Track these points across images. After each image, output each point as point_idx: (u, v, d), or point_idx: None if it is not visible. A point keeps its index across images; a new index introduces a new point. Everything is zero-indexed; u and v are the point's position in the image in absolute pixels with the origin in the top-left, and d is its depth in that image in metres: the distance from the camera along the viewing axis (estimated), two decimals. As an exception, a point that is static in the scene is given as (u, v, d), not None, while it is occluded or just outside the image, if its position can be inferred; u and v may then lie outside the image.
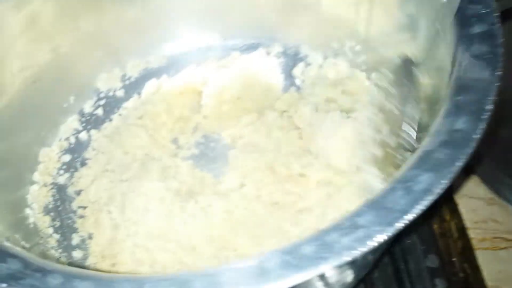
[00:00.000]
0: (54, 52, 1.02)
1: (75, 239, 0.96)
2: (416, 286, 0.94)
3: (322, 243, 0.54)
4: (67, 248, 0.95)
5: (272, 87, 1.13)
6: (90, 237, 0.96)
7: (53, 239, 0.95)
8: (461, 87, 0.68)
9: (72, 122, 1.10)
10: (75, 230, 0.98)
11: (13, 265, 0.56)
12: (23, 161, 1.01)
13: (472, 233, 0.97)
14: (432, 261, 0.96)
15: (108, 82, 1.14)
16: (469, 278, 0.95)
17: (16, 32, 0.93)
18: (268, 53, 1.18)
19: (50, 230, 0.97)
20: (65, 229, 0.97)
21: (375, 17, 1.01)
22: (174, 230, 0.91)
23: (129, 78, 1.17)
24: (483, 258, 0.93)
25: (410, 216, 0.55)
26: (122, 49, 1.14)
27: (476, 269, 0.95)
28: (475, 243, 0.96)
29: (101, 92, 1.14)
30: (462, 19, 0.75)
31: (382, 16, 0.99)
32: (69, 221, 0.99)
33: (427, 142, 0.63)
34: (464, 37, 0.73)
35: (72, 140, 1.09)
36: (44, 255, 0.90)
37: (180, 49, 1.19)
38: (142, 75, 1.17)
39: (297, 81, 1.14)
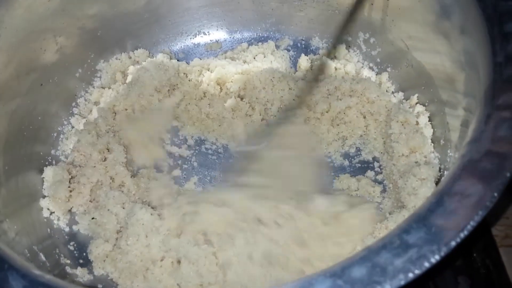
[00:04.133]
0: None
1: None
2: (439, 284, 0.93)
3: (373, 264, 0.51)
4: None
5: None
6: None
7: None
8: (500, 90, 0.65)
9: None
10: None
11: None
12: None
13: (495, 230, 0.95)
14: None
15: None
16: (492, 275, 0.93)
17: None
18: (277, 46, 1.15)
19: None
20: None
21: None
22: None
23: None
24: (508, 256, 0.91)
25: (463, 234, 0.52)
26: (129, 44, 1.12)
27: (499, 266, 0.93)
28: (498, 240, 0.94)
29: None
30: (494, 16, 0.73)
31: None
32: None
33: (470, 150, 0.61)
34: (498, 35, 0.70)
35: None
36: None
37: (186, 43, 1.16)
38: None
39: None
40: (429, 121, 0.95)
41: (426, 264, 0.50)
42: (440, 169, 0.88)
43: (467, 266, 0.94)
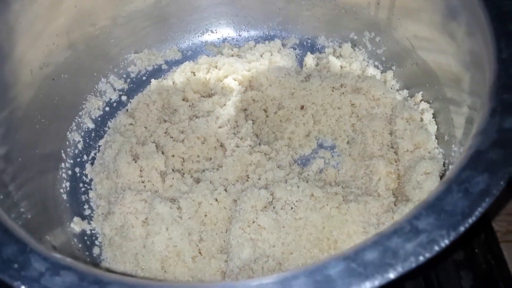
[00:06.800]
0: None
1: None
2: (441, 279, 0.94)
3: (384, 248, 0.53)
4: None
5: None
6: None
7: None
8: (505, 85, 0.67)
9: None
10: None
11: (67, 278, 0.55)
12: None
13: (496, 226, 0.97)
14: (457, 253, 0.96)
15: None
16: (494, 269, 0.95)
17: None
18: (284, 45, 1.17)
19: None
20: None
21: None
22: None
23: (139, 72, 1.16)
24: (509, 251, 0.93)
25: (471, 219, 0.54)
26: (139, 42, 1.14)
27: (500, 261, 0.95)
28: (500, 236, 0.95)
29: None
30: (499, 16, 0.75)
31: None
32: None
33: (477, 141, 0.63)
34: (503, 33, 0.73)
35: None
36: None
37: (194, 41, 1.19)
38: (153, 70, 1.16)
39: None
40: (433, 117, 0.97)
41: (436, 248, 0.52)
42: (444, 163, 0.90)
43: (469, 261, 0.95)
